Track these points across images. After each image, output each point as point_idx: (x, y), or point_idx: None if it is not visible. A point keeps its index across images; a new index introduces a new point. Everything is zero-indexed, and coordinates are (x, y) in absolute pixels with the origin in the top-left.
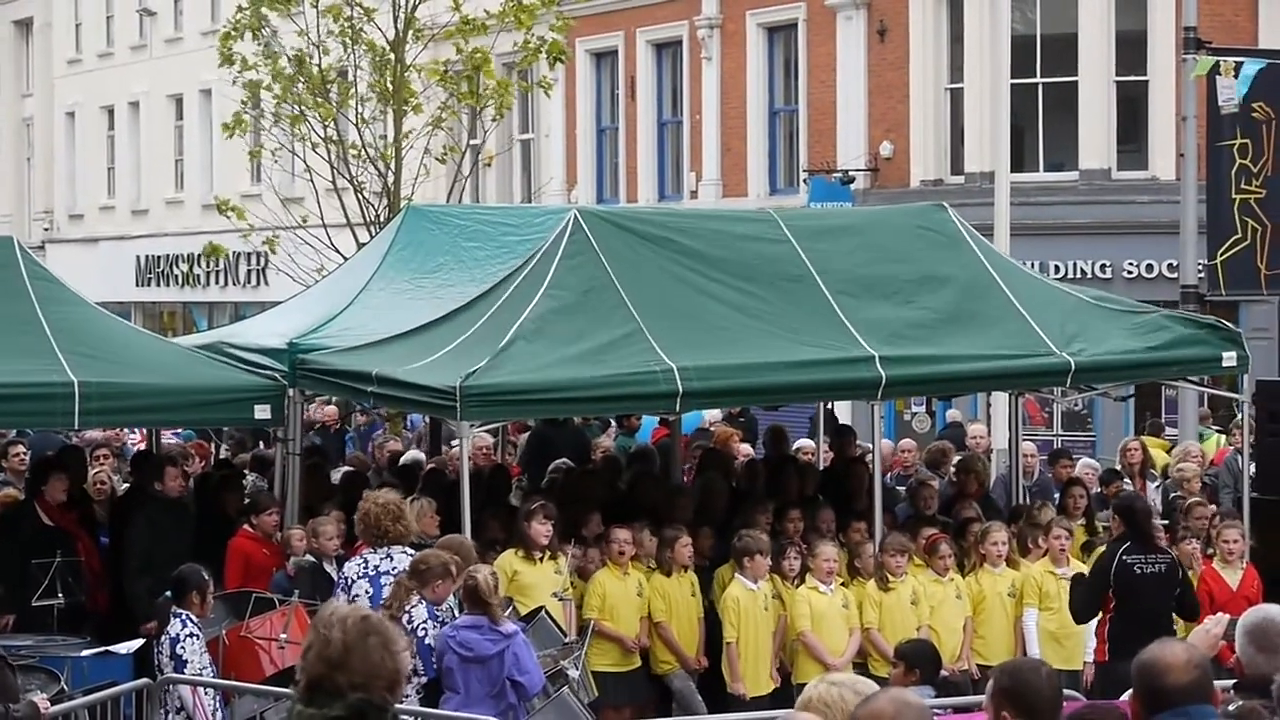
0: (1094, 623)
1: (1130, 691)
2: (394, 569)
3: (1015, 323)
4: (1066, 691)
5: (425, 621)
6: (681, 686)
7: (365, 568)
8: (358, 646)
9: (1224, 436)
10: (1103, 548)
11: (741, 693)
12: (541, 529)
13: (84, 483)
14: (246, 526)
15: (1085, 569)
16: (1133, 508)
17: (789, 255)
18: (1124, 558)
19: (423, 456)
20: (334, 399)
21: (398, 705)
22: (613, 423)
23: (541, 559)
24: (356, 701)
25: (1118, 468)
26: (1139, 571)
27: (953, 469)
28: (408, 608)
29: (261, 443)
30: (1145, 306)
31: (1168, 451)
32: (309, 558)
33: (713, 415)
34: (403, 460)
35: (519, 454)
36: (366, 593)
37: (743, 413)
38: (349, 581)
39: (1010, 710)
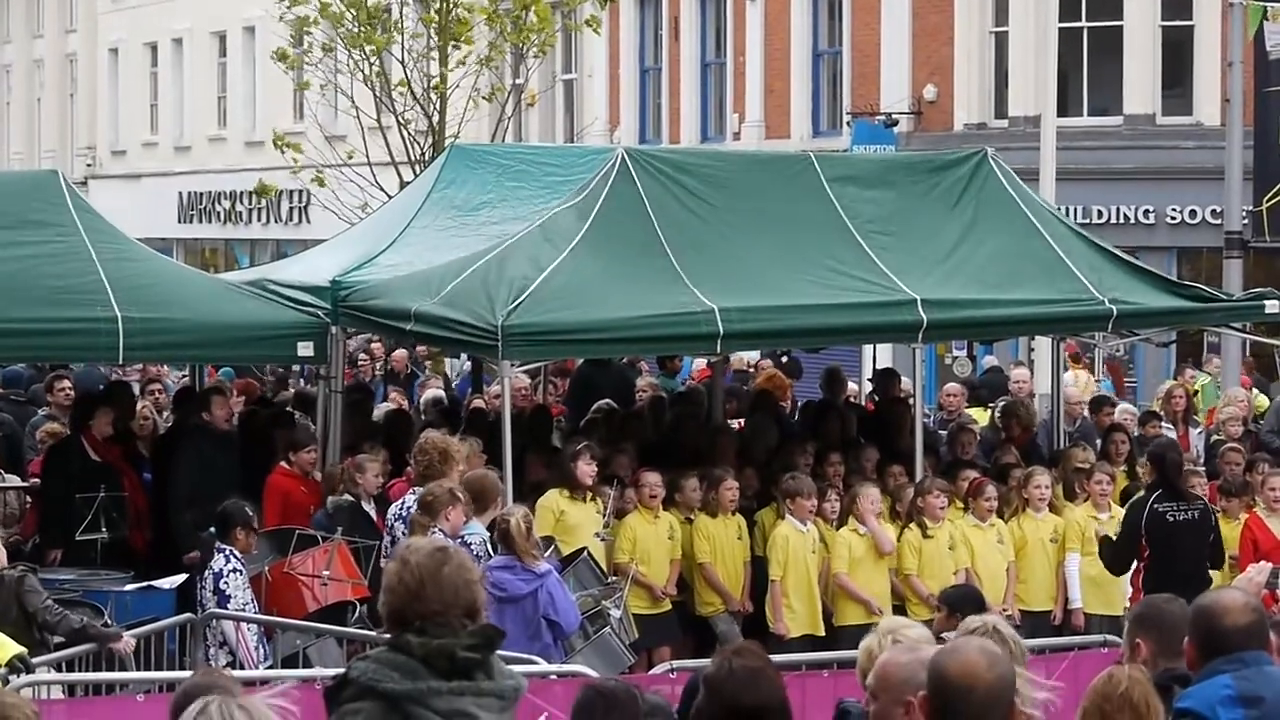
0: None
1: (1186, 638)
2: None
3: (1057, 268)
4: (1108, 637)
5: None
6: (726, 629)
7: (401, 509)
8: (433, 577)
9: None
10: (1138, 495)
11: (783, 631)
12: (588, 469)
13: (131, 419)
14: (283, 464)
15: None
16: (1164, 456)
17: (829, 199)
18: (1155, 506)
19: (442, 394)
20: (379, 339)
21: None
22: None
23: (586, 498)
24: (483, 628)
25: (1156, 409)
26: (1171, 519)
27: (997, 414)
28: None
29: (303, 380)
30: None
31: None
32: (347, 497)
33: (752, 357)
34: (423, 400)
35: (564, 395)
36: (403, 534)
37: (787, 354)
38: (390, 524)
39: (1143, 636)
